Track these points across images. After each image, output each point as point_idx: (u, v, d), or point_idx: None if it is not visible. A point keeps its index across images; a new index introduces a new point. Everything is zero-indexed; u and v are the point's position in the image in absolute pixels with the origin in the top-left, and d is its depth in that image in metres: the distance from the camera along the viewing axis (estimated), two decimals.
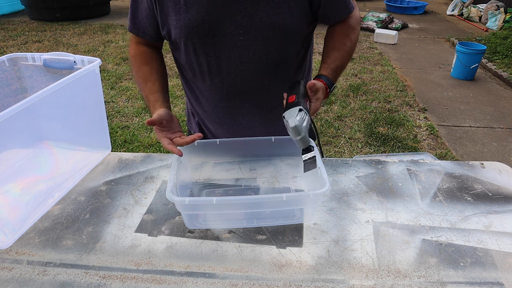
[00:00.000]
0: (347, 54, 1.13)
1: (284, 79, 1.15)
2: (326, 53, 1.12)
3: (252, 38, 1.04)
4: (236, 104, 1.18)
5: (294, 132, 0.94)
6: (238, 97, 1.17)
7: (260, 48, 1.06)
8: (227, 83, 1.13)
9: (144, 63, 1.17)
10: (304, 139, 0.95)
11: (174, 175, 1.01)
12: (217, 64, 1.09)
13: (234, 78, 1.11)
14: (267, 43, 1.05)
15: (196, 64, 1.12)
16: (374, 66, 4.93)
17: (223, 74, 1.11)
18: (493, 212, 1.07)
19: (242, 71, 1.10)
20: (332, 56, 1.10)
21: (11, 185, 1.05)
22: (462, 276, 0.88)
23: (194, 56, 1.10)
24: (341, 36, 1.13)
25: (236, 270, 0.90)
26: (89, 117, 1.29)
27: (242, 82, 1.12)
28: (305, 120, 0.95)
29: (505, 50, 5.14)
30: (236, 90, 1.15)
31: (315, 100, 1.02)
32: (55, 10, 6.70)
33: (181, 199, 0.91)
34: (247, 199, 1.00)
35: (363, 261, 0.92)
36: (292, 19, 1.03)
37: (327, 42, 1.15)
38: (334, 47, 1.12)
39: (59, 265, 0.91)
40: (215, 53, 1.07)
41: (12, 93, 1.24)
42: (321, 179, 0.97)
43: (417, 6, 7.74)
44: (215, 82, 1.14)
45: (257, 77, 1.12)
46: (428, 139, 3.35)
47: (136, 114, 3.67)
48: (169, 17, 1.05)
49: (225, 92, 1.15)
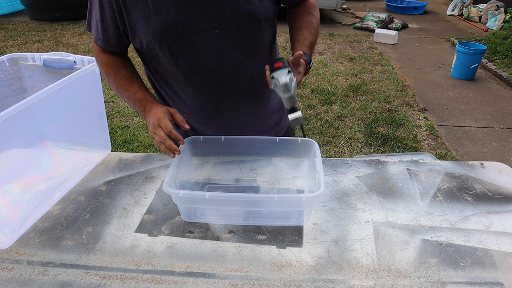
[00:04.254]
0: (315, 31, 1.16)
1: (262, 63, 1.15)
2: (296, 33, 1.15)
3: (227, 30, 1.05)
4: (223, 98, 1.18)
5: (284, 89, 0.98)
6: (224, 90, 1.16)
7: (236, 38, 1.07)
8: (211, 78, 1.13)
9: (121, 67, 1.15)
10: (292, 98, 1.00)
11: (174, 169, 1.02)
12: (198, 62, 1.09)
13: (217, 72, 1.12)
14: (242, 31, 1.07)
15: (176, 67, 1.10)
16: (374, 66, 4.93)
17: (206, 70, 1.11)
18: (493, 212, 1.07)
19: (223, 63, 1.10)
20: (303, 34, 1.13)
21: (11, 185, 1.05)
22: (462, 276, 0.88)
23: (172, 60, 1.08)
24: (306, 15, 1.17)
25: (236, 270, 0.90)
26: (89, 117, 1.29)
27: (225, 75, 1.13)
28: (294, 81, 0.99)
29: (505, 50, 5.14)
30: (220, 83, 1.15)
31: (297, 74, 1.04)
32: (55, 10, 6.70)
33: (175, 191, 0.93)
34: (239, 196, 1.01)
35: (363, 261, 0.92)
36: (261, 4, 1.06)
37: (293, 22, 1.18)
38: (301, 26, 1.15)
39: (59, 265, 0.91)
40: (193, 51, 1.07)
41: (12, 93, 1.24)
42: (318, 181, 0.98)
43: (417, 6, 7.74)
44: (198, 80, 1.13)
45: (238, 67, 1.13)
46: (428, 139, 3.35)
47: (136, 114, 3.66)
48: (138, 24, 1.03)
49: (210, 88, 1.15)
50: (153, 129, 1.02)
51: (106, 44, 1.12)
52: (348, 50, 5.50)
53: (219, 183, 1.19)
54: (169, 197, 1.09)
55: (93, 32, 1.12)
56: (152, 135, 1.04)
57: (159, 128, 1.01)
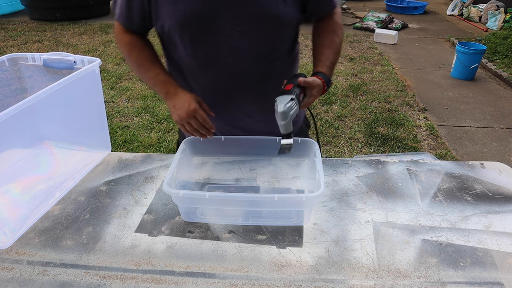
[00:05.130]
0: (337, 50, 1.18)
1: (278, 68, 1.18)
2: (318, 51, 1.17)
3: (248, 28, 1.06)
4: (235, 95, 1.19)
5: (281, 116, 1.01)
6: (237, 87, 1.17)
7: (256, 38, 1.08)
8: (225, 73, 1.14)
9: (144, 47, 1.17)
10: (287, 126, 1.03)
11: (174, 168, 1.03)
12: (215, 55, 1.10)
13: (232, 68, 1.13)
14: (263, 33, 1.08)
15: (193, 57, 1.12)
16: (374, 66, 4.93)
17: (221, 64, 1.12)
18: (493, 212, 1.07)
19: (240, 61, 1.11)
20: (325, 53, 1.15)
21: (11, 185, 1.05)
22: (462, 276, 0.88)
23: (190, 49, 1.10)
24: (329, 33, 1.18)
25: (236, 270, 0.90)
26: (89, 117, 1.29)
27: (240, 72, 1.14)
28: (293, 110, 1.02)
29: (505, 50, 5.14)
30: (234, 80, 1.16)
31: (309, 96, 1.07)
32: (55, 10, 6.70)
33: (175, 191, 0.93)
34: (239, 196, 1.02)
35: (363, 261, 0.92)
36: (286, 9, 1.06)
37: (316, 40, 1.19)
38: (324, 45, 1.17)
39: (59, 265, 0.91)
40: (212, 43, 1.08)
41: (12, 93, 1.24)
42: (318, 181, 0.98)
43: (417, 6, 7.74)
44: (213, 73, 1.14)
45: (254, 67, 1.14)
46: (428, 139, 3.35)
47: (136, 114, 3.67)
48: (163, 7, 1.05)
49: (223, 83, 1.16)
50: (186, 116, 1.06)
51: (129, 23, 1.13)
52: (348, 50, 5.50)
53: (219, 183, 1.19)
54: (169, 197, 1.09)
55: (117, 10, 1.13)
56: (180, 120, 1.08)
57: (194, 118, 1.06)
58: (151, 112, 3.69)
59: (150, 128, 3.43)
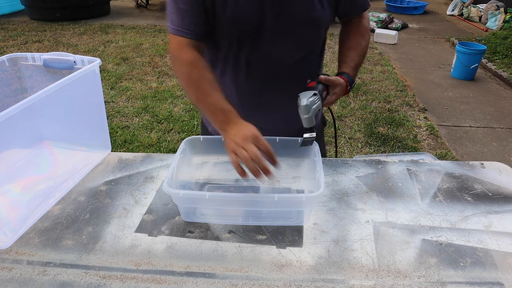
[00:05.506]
0: (363, 53, 1.21)
1: (310, 68, 1.22)
2: (344, 53, 1.20)
3: (290, 31, 1.09)
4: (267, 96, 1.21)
5: (304, 110, 1.05)
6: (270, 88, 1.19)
7: (294, 40, 1.12)
8: (262, 75, 1.16)
9: (206, 69, 1.08)
10: (310, 119, 1.06)
11: (174, 168, 1.03)
12: (255, 57, 1.12)
13: (269, 70, 1.15)
14: (301, 35, 1.12)
15: (233, 59, 1.14)
16: (374, 66, 4.93)
17: (259, 66, 1.14)
18: (493, 212, 1.07)
19: (277, 63, 1.14)
20: (350, 55, 1.18)
21: (11, 185, 1.05)
22: (462, 276, 0.88)
23: (232, 51, 1.12)
24: (357, 36, 1.21)
25: (236, 270, 0.90)
26: (89, 117, 1.29)
27: (275, 74, 1.16)
28: (316, 104, 1.06)
29: (505, 50, 5.14)
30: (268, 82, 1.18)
31: (331, 94, 1.11)
32: (55, 10, 6.70)
33: (175, 191, 0.93)
34: (239, 196, 1.02)
35: (363, 261, 0.92)
36: (323, 13, 1.10)
37: (344, 42, 1.22)
38: (351, 47, 1.20)
39: (59, 265, 0.91)
40: (254, 46, 1.10)
41: (12, 93, 1.24)
42: (318, 181, 0.98)
43: (417, 6, 7.74)
44: (249, 75, 1.16)
45: (291, 68, 1.16)
46: (428, 139, 3.35)
47: (136, 114, 3.67)
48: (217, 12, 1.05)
49: (258, 84, 1.18)
50: (242, 140, 0.92)
51: (195, 34, 1.07)
52: None
53: (219, 183, 1.19)
54: (169, 197, 1.09)
55: (177, 24, 1.06)
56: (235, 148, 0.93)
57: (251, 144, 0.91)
58: (151, 112, 3.69)
59: (150, 128, 3.43)
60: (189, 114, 3.64)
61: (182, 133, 3.34)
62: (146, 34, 6.13)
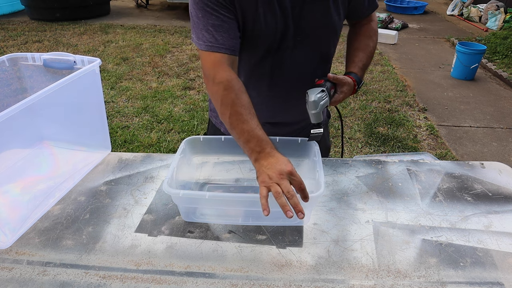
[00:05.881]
0: (370, 54, 1.22)
1: (326, 70, 1.25)
2: (352, 53, 1.22)
3: (307, 38, 1.12)
4: (288, 101, 1.23)
5: (312, 105, 1.06)
6: (291, 94, 1.21)
7: (314, 47, 1.15)
8: (283, 81, 1.18)
9: (242, 92, 1.01)
10: (317, 115, 1.08)
11: (174, 168, 1.03)
12: (278, 65, 1.14)
13: (290, 76, 1.17)
14: (320, 41, 1.15)
15: (258, 67, 1.15)
16: (374, 66, 4.93)
17: (281, 73, 1.16)
18: (493, 212, 1.07)
19: (298, 69, 1.16)
20: (358, 55, 1.20)
21: (11, 185, 1.05)
22: (462, 276, 0.88)
23: (257, 60, 1.13)
24: (365, 37, 1.23)
25: (236, 270, 0.90)
26: (89, 117, 1.29)
27: (296, 80, 1.18)
28: (324, 100, 1.07)
29: (505, 50, 5.14)
30: (289, 88, 1.20)
31: (339, 92, 1.13)
32: (55, 10, 6.70)
33: (175, 191, 0.93)
34: (239, 196, 1.01)
35: (363, 261, 0.92)
36: (338, 18, 1.12)
37: (352, 43, 1.24)
38: (359, 48, 1.21)
39: (59, 265, 0.91)
40: (277, 54, 1.12)
41: (12, 93, 1.24)
42: (318, 181, 0.98)
43: (417, 6, 7.74)
44: (272, 81, 1.18)
45: (310, 73, 1.18)
46: (428, 139, 3.35)
47: (136, 114, 3.67)
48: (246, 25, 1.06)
49: (279, 90, 1.20)
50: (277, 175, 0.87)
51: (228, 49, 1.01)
52: None
53: (219, 183, 1.19)
54: (169, 197, 1.09)
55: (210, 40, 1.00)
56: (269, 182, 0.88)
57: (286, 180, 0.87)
58: (151, 112, 3.69)
59: (150, 128, 3.43)
60: (189, 114, 3.64)
61: (182, 133, 3.34)
62: (146, 34, 6.13)
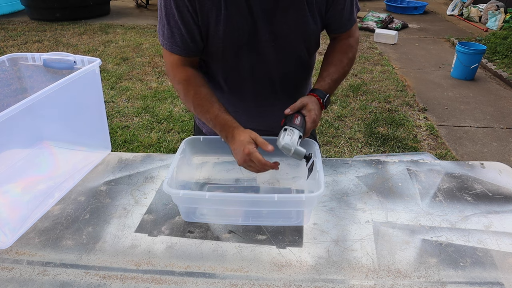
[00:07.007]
0: (343, 69, 1.19)
1: (303, 80, 1.25)
2: (323, 67, 1.20)
3: (282, 44, 1.10)
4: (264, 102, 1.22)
5: (285, 150, 1.01)
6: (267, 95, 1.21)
7: (287, 52, 1.13)
8: (258, 83, 1.18)
9: (201, 85, 1.11)
10: (296, 153, 1.01)
11: (174, 168, 1.03)
12: (251, 68, 1.14)
13: (264, 78, 1.17)
14: (294, 47, 1.13)
15: (231, 70, 1.15)
16: (374, 66, 4.93)
17: (255, 76, 1.16)
18: (493, 212, 1.07)
19: (272, 73, 1.16)
20: (328, 70, 1.18)
21: (11, 185, 1.05)
22: (462, 276, 0.88)
23: (229, 63, 1.13)
24: (339, 53, 1.21)
25: (236, 270, 0.90)
26: (89, 117, 1.29)
27: (270, 82, 1.18)
28: (292, 135, 1.02)
29: (505, 50, 5.14)
30: (264, 89, 1.19)
31: (307, 112, 1.08)
32: (55, 10, 6.70)
33: (175, 191, 0.94)
34: (239, 196, 1.02)
35: (363, 261, 0.92)
36: (315, 27, 1.11)
37: (326, 57, 1.22)
38: (331, 62, 1.19)
39: (59, 265, 0.91)
40: (249, 58, 1.11)
41: (12, 93, 1.24)
42: (318, 182, 0.98)
43: (417, 6, 7.74)
44: (246, 84, 1.18)
45: (283, 77, 1.18)
46: (428, 139, 3.35)
47: (136, 114, 3.67)
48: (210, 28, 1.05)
49: (255, 92, 1.19)
50: (244, 163, 1.01)
51: (185, 51, 1.07)
52: None
53: (219, 183, 1.19)
54: (169, 197, 1.09)
55: (169, 40, 1.07)
56: (244, 166, 1.03)
57: (252, 162, 1.00)
58: (151, 112, 3.69)
59: (150, 128, 3.43)
60: (189, 114, 3.64)
61: (182, 133, 3.34)
62: (146, 34, 6.13)
